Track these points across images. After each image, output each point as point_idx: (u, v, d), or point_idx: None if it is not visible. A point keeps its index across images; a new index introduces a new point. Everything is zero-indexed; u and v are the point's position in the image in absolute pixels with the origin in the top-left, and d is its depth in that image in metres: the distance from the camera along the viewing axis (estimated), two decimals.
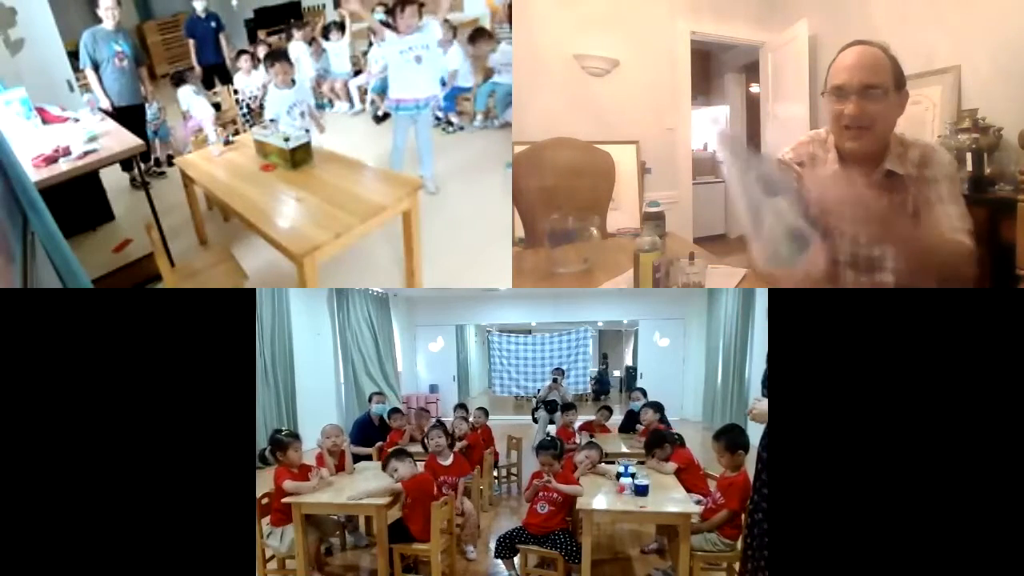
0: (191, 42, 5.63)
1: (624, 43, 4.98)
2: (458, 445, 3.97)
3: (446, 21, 5.47)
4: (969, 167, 3.40)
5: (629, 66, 5.02)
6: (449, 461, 3.48)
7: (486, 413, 4.82)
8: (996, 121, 3.39)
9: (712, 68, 7.17)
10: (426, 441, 3.64)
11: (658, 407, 4.53)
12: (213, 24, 5.61)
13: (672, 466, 3.26)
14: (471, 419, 4.56)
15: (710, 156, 7.26)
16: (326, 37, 6.13)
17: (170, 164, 4.99)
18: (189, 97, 5.05)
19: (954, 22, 3.74)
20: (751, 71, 6.48)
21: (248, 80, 5.31)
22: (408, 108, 4.48)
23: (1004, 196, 3.25)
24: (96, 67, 4.63)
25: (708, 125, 7.35)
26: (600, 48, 4.91)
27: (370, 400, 4.92)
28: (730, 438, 2.74)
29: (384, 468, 2.98)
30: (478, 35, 5.42)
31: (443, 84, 5.40)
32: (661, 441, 3.41)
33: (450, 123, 5.76)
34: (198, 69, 5.50)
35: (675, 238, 3.31)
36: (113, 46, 4.63)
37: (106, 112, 4.59)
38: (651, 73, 5.18)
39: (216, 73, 5.62)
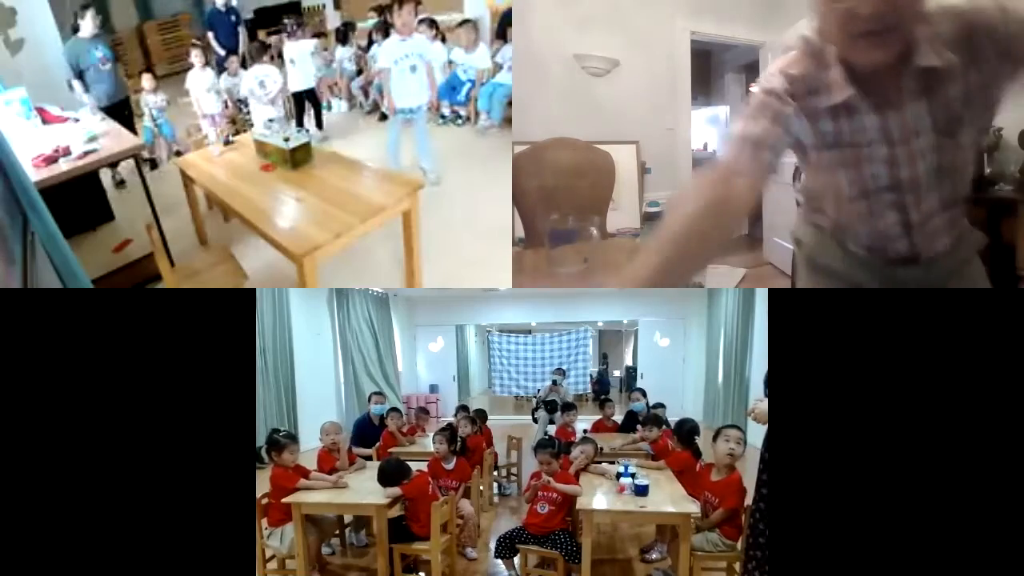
0: (210, 34, 5.88)
1: (624, 43, 4.98)
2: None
3: (468, 21, 5.52)
4: None
5: (629, 66, 5.02)
6: (452, 465, 3.49)
7: (484, 416, 4.77)
8: (996, 121, 3.38)
9: (712, 68, 7.16)
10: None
11: (659, 421, 4.13)
12: (233, 18, 5.88)
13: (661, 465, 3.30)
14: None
15: (710, 156, 7.26)
16: (343, 40, 6.21)
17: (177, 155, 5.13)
18: (210, 89, 5.25)
19: None
20: (751, 71, 6.48)
21: (233, 80, 5.36)
22: (403, 112, 4.62)
23: (1004, 196, 3.27)
24: (80, 74, 4.79)
25: (708, 125, 7.34)
26: (600, 48, 4.91)
27: (369, 400, 4.91)
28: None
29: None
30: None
31: (472, 84, 5.57)
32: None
33: (459, 116, 5.81)
34: (222, 52, 5.73)
35: None
36: (95, 52, 4.78)
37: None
38: (651, 73, 5.18)
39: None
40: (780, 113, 1.58)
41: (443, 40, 5.70)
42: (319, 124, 5.78)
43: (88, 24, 4.67)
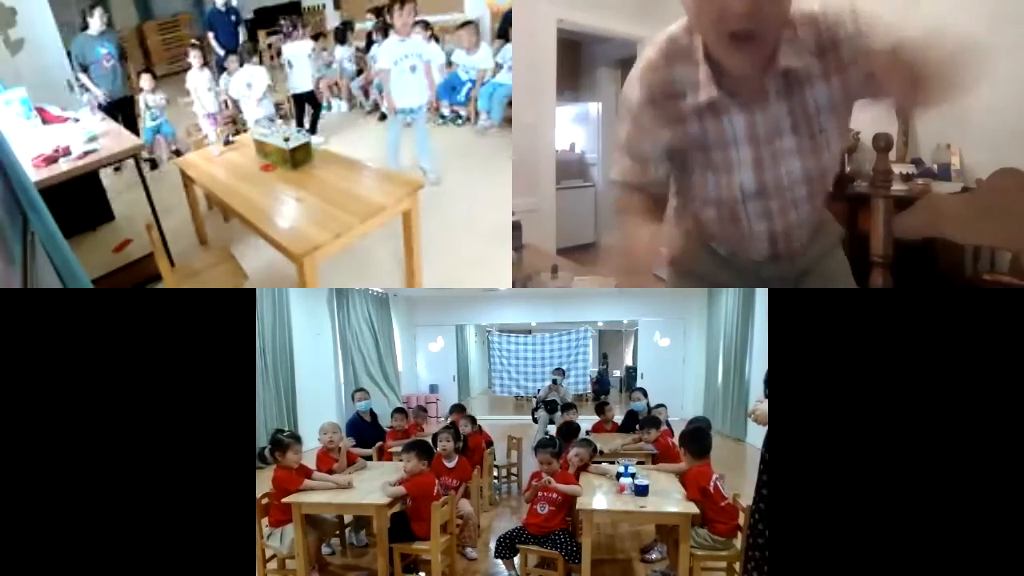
0: (210, 34, 5.91)
1: None
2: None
3: (470, 23, 5.52)
4: None
5: None
6: (453, 463, 3.49)
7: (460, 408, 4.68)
8: (854, 125, 3.50)
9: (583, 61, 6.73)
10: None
11: (657, 423, 4.12)
12: (233, 17, 5.92)
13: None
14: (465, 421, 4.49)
15: (577, 157, 6.88)
16: (341, 40, 6.20)
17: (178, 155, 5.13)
18: (209, 89, 5.28)
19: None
20: (626, 66, 6.24)
21: (231, 80, 5.38)
22: (403, 112, 4.62)
23: (861, 192, 3.82)
24: (85, 69, 4.85)
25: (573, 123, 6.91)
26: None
27: (353, 398, 4.88)
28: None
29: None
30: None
31: (472, 84, 5.54)
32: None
33: (459, 116, 5.80)
34: (221, 52, 5.72)
35: (535, 250, 3.23)
36: (99, 49, 4.83)
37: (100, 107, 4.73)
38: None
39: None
40: (650, 122, 1.65)
41: (437, 41, 5.69)
42: (313, 128, 5.72)
43: (96, 21, 4.75)
